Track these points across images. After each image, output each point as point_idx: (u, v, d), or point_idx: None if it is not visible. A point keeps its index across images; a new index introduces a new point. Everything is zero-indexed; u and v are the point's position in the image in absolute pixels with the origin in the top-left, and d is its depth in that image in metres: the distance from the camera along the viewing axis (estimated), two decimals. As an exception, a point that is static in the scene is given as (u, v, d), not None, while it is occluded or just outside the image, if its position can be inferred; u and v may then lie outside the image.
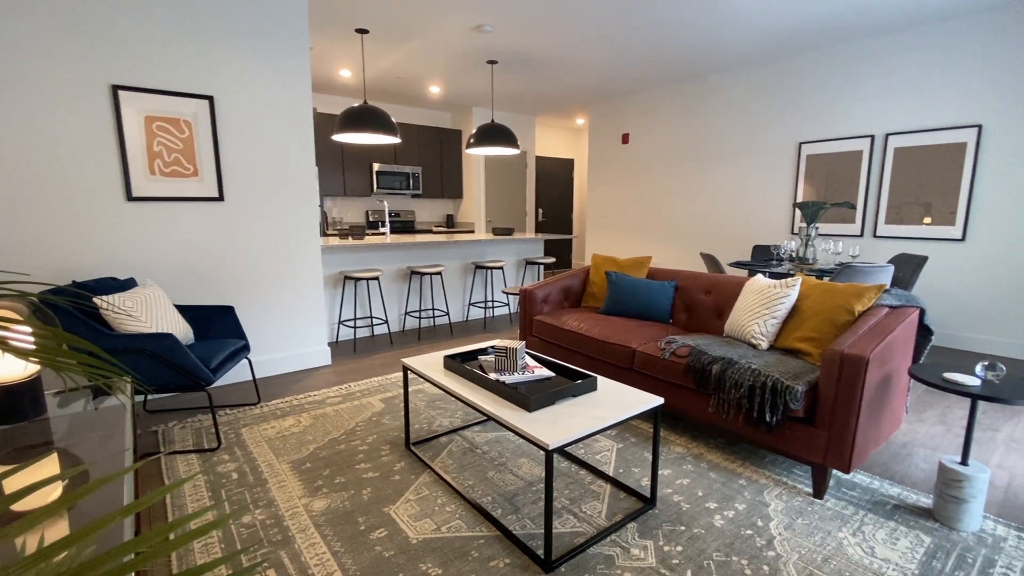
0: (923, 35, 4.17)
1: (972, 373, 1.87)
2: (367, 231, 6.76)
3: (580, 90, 6.37)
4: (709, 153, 5.87)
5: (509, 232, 5.50)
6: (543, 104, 7.14)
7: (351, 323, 4.54)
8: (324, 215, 6.21)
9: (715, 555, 1.69)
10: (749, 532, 1.81)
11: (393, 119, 6.45)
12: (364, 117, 3.98)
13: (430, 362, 2.38)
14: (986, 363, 1.83)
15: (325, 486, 2.11)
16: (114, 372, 0.77)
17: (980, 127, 3.95)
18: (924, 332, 2.48)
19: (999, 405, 3.01)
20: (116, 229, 2.90)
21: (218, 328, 2.93)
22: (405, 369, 2.40)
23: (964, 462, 1.86)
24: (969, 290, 4.13)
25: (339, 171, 6.46)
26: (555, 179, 9.20)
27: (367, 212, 7.03)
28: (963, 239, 4.10)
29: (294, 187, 3.49)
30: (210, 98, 3.09)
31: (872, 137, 4.53)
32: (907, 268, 3.65)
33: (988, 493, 2.08)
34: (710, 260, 4.11)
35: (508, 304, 5.57)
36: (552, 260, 5.70)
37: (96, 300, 2.34)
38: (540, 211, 9.02)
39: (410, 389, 3.24)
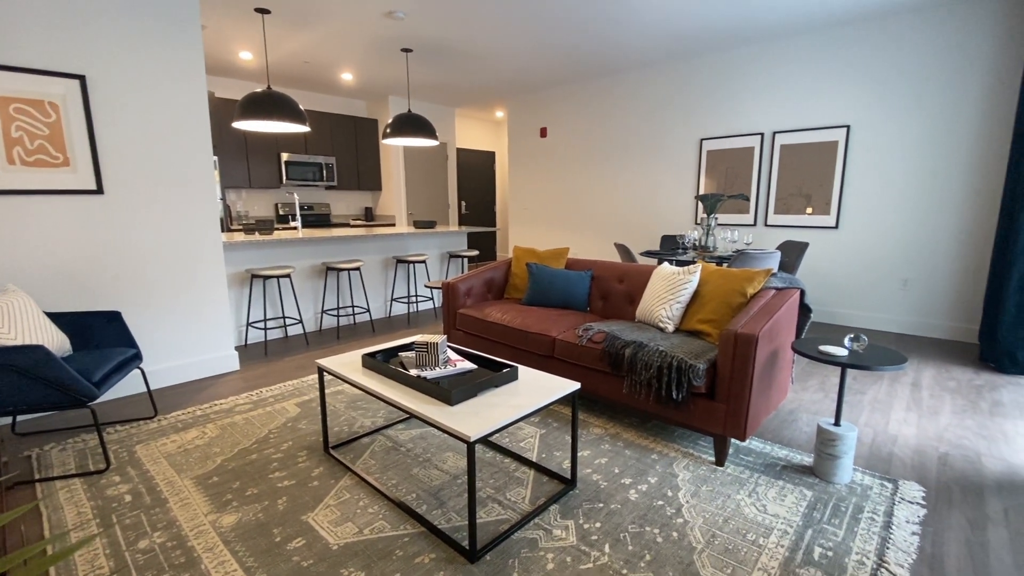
0: (804, 43, 4.64)
1: (842, 345, 2.13)
2: (276, 226, 6.36)
3: (498, 82, 6.39)
4: (621, 148, 6.15)
5: (431, 225, 5.43)
6: (462, 95, 7.08)
7: (261, 325, 4.27)
8: (227, 209, 5.75)
9: (630, 527, 1.80)
10: (660, 503, 1.95)
11: (302, 106, 6.10)
12: (267, 103, 3.72)
13: (348, 362, 2.30)
14: (852, 336, 2.10)
15: (235, 500, 1.97)
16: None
17: (848, 127, 4.47)
18: (805, 310, 2.79)
19: (864, 371, 3.46)
20: (-36, 227, 2.50)
21: (102, 337, 2.63)
22: (320, 370, 2.30)
23: (837, 423, 2.12)
24: (841, 271, 4.69)
25: (243, 161, 6.00)
26: (477, 171, 9.19)
27: (276, 205, 6.60)
28: (837, 227, 4.64)
29: (189, 178, 3.19)
30: (82, 77, 2.74)
31: (762, 135, 4.97)
32: (792, 253, 4.06)
33: (856, 449, 2.39)
34: (623, 250, 4.32)
35: (432, 298, 5.50)
36: (476, 253, 5.70)
37: (-60, 311, 2.01)
38: (463, 204, 8.98)
39: (329, 391, 3.12)
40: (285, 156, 6.30)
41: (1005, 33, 3.73)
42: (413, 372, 2.05)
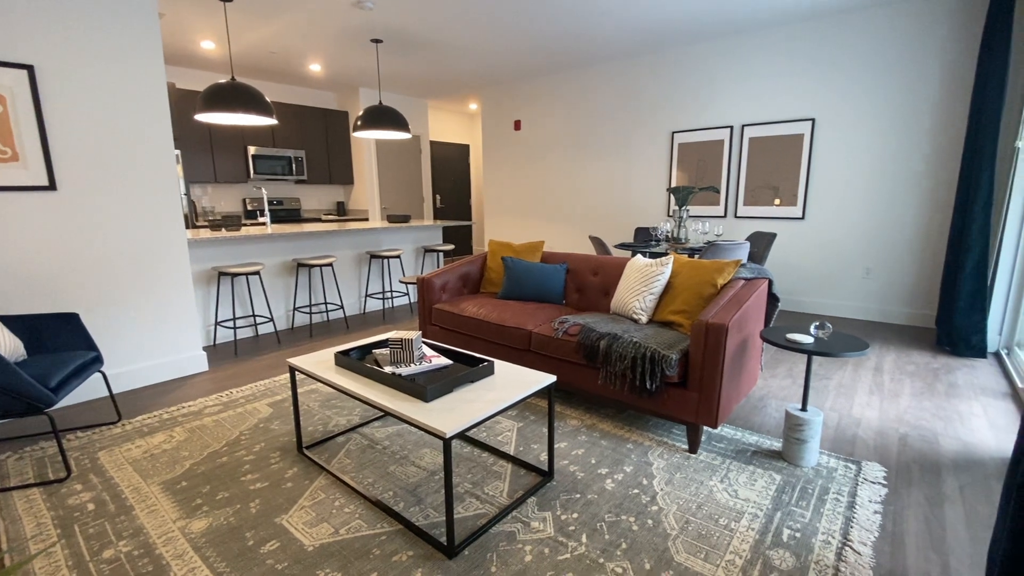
0: (771, 37, 4.73)
1: (808, 333, 2.20)
2: (244, 221, 6.18)
3: (470, 75, 6.33)
4: (595, 140, 6.17)
5: (406, 219, 5.36)
6: (434, 87, 6.99)
7: (230, 323, 4.16)
8: (192, 204, 5.57)
9: (607, 517, 1.83)
10: (636, 491, 1.98)
11: (268, 98, 5.93)
12: (231, 95, 3.60)
13: (321, 360, 2.26)
14: (818, 323, 2.16)
15: (205, 504, 1.92)
16: None
17: (813, 120, 4.59)
18: (772, 300, 2.86)
19: (829, 358, 3.58)
20: (-97, 227, 2.35)
21: (59, 340, 2.52)
22: (292, 369, 2.25)
23: (804, 408, 2.19)
24: (808, 261, 4.83)
25: (207, 155, 5.81)
26: (451, 165, 9.10)
27: (244, 200, 6.42)
28: (803, 218, 4.77)
29: (149, 173, 3.07)
30: (30, 67, 2.60)
31: (731, 128, 5.06)
32: (761, 244, 4.16)
33: (822, 432, 2.47)
34: (598, 243, 4.36)
35: (408, 294, 5.45)
36: (451, 247, 5.66)
37: None
38: (438, 197, 8.89)
39: (303, 389, 3.06)
40: (252, 150, 6.12)
41: (960, 26, 3.88)
42: (388, 369, 2.03)
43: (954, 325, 3.55)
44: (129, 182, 3.00)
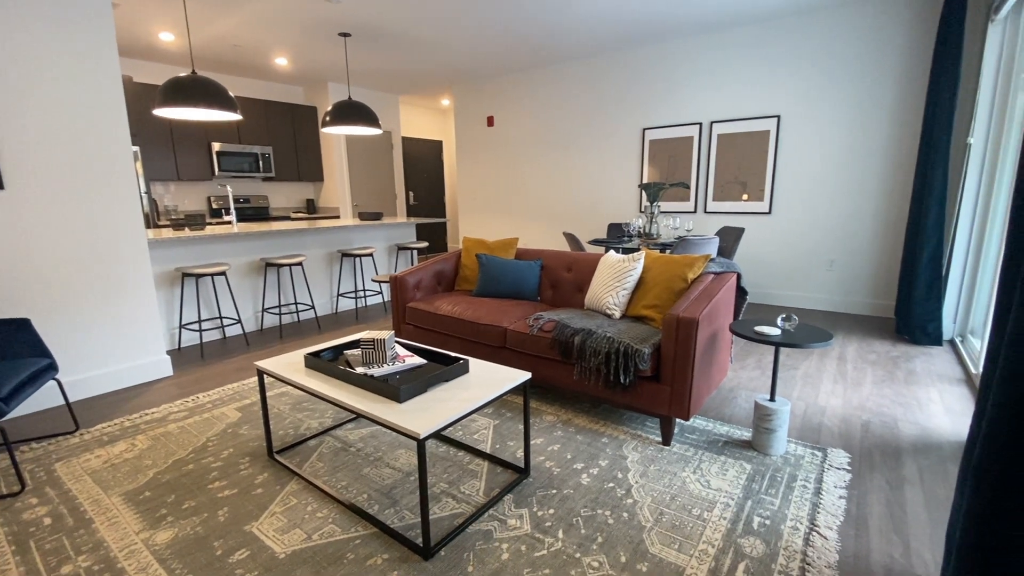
0: (738, 35, 4.81)
1: (775, 325, 2.25)
2: (209, 220, 5.99)
3: (443, 70, 6.26)
4: (568, 137, 6.19)
5: (378, 217, 5.28)
6: (406, 82, 6.89)
7: (196, 326, 4.02)
8: (153, 203, 5.36)
9: (583, 511, 1.84)
10: (611, 485, 2.00)
11: (233, 92, 5.74)
12: (191, 89, 3.46)
13: (290, 362, 2.20)
14: (784, 315, 2.22)
15: (170, 514, 1.86)
16: None
17: (779, 117, 4.70)
18: (741, 293, 2.92)
19: (796, 349, 3.69)
20: None
21: (10, 347, 2.39)
22: (260, 373, 2.19)
23: (772, 399, 2.25)
24: (774, 255, 4.96)
25: (169, 151, 5.59)
26: (424, 161, 9.00)
27: (209, 199, 6.21)
28: (770, 212, 4.89)
29: (105, 170, 2.94)
30: (-32, 59, 2.45)
31: (700, 124, 5.15)
32: (730, 239, 4.25)
33: (790, 421, 2.54)
34: (571, 239, 4.38)
35: (381, 292, 5.37)
36: (425, 244, 5.60)
37: None
38: (411, 194, 8.78)
39: (273, 392, 2.98)
40: (217, 146, 5.92)
41: (916, 28, 4.02)
42: (360, 370, 1.99)
43: (912, 314, 3.70)
44: (83, 180, 2.86)
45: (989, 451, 1.10)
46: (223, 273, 3.77)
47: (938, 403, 2.72)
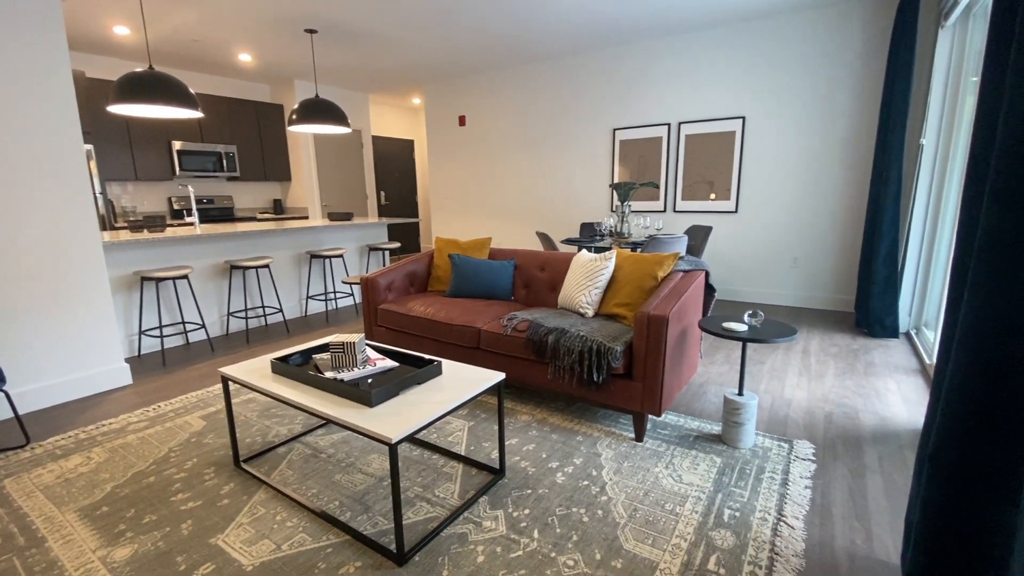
0: (705, 37, 4.91)
1: (742, 321, 2.31)
2: (170, 221, 5.77)
3: (412, 68, 6.19)
4: (540, 136, 6.21)
5: (348, 217, 5.18)
6: (375, 80, 6.78)
7: (156, 332, 3.87)
8: (109, 204, 5.12)
9: (558, 510, 1.84)
10: (586, 483, 2.01)
11: (194, 89, 5.54)
12: (148, 85, 3.32)
13: (256, 368, 2.13)
14: (751, 312, 2.27)
15: (129, 530, 1.78)
16: None
17: (744, 118, 4.82)
18: (710, 290, 2.98)
19: (762, 344, 3.79)
20: None
21: (-51, 358, 2.24)
22: (224, 379, 2.12)
23: (740, 393, 2.30)
24: (741, 252, 5.09)
25: (126, 150, 5.36)
26: (396, 160, 8.89)
27: (170, 199, 5.99)
28: (736, 211, 5.01)
29: (53, 169, 2.79)
30: (-102, 50, 2.29)
31: (669, 125, 5.24)
32: (698, 237, 4.34)
33: (758, 415, 2.61)
34: (544, 238, 4.39)
35: (352, 294, 5.27)
36: (397, 245, 5.53)
37: None
38: (382, 194, 8.66)
39: (240, 399, 2.89)
40: (177, 145, 5.70)
41: (872, 33, 4.19)
42: (329, 375, 1.95)
43: (870, 308, 3.85)
44: (30, 180, 2.71)
45: (944, 439, 1.15)
46: (185, 276, 3.64)
47: (896, 393, 2.83)
